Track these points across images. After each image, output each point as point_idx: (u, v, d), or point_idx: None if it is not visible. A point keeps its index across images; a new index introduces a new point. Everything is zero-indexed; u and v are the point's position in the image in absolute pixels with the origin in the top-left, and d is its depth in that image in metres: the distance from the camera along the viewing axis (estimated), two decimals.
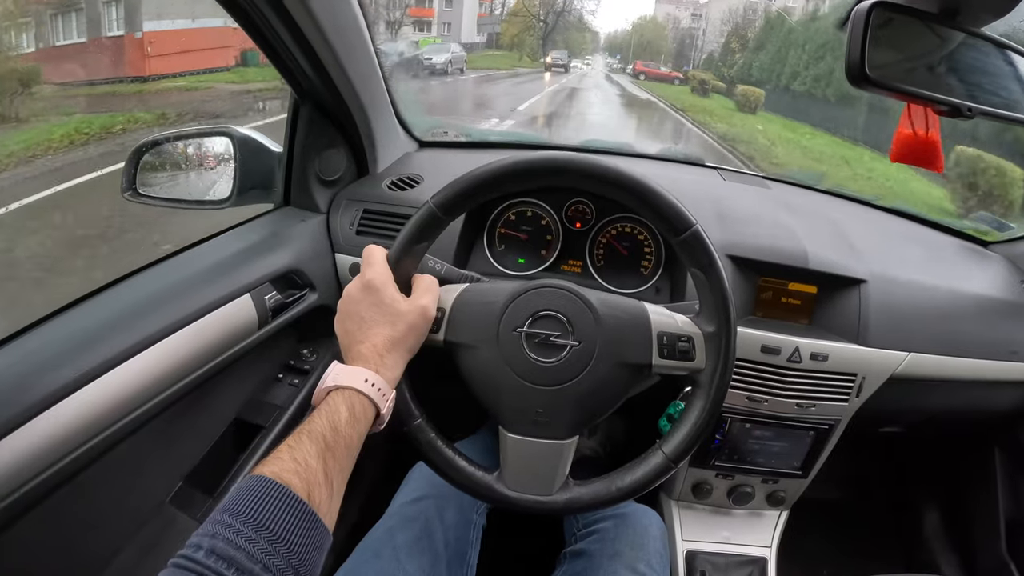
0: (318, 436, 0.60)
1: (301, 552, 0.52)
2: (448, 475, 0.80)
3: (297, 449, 0.58)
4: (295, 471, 0.56)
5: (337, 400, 0.64)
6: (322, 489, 0.57)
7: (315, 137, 1.17)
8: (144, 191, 1.11)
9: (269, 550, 0.50)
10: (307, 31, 0.93)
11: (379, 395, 0.67)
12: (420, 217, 0.77)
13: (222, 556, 0.48)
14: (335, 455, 0.60)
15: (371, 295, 0.73)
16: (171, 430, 0.93)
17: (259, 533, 0.50)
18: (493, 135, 1.71)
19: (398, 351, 0.72)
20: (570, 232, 1.19)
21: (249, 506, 0.51)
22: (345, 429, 0.62)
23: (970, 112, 0.79)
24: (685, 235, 0.75)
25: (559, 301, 0.77)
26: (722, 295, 0.75)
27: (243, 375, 1.06)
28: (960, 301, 1.18)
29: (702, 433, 0.77)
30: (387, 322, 0.72)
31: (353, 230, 1.16)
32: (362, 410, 0.65)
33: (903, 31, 0.78)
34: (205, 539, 0.49)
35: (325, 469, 0.58)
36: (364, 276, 0.74)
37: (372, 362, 0.69)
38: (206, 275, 0.94)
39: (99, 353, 0.74)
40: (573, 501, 0.78)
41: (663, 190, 0.75)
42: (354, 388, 0.66)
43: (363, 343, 0.71)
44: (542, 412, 0.76)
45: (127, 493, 0.89)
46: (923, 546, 1.56)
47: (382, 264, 0.75)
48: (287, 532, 0.51)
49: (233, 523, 0.50)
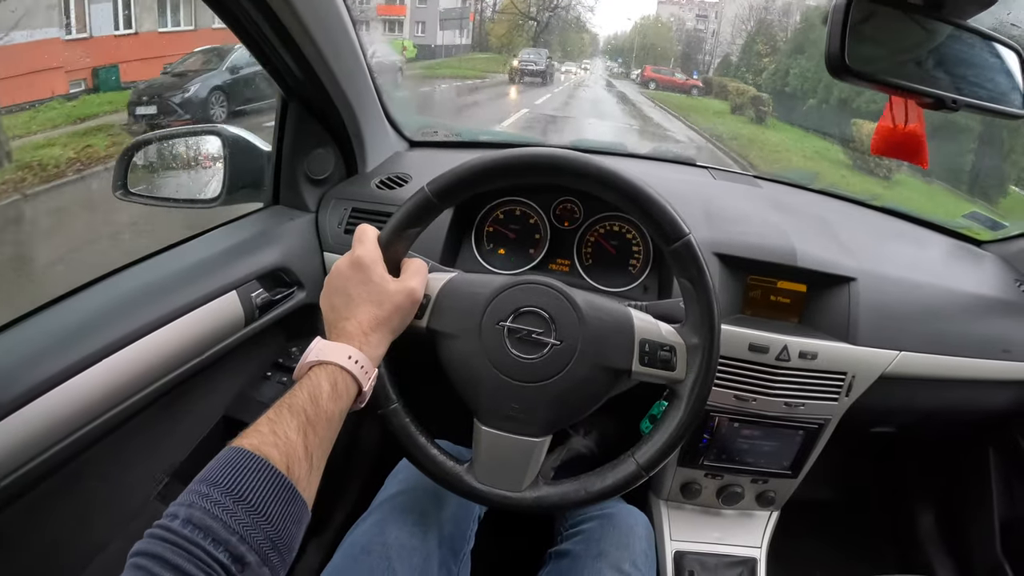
0: (299, 410, 0.60)
1: (279, 524, 0.52)
2: (419, 461, 0.80)
3: (277, 422, 0.58)
4: (274, 444, 0.56)
5: (320, 375, 0.64)
6: (302, 463, 0.57)
7: (304, 136, 1.17)
8: (135, 190, 1.12)
9: (247, 521, 0.50)
10: (291, 28, 0.93)
11: (362, 372, 0.67)
12: (415, 202, 0.77)
13: (198, 525, 0.48)
14: (315, 430, 0.60)
15: (359, 272, 0.72)
16: (158, 426, 0.94)
17: (237, 504, 0.50)
18: (484, 134, 1.71)
19: (383, 330, 0.72)
20: (558, 231, 1.19)
21: (227, 477, 0.51)
22: (326, 404, 0.62)
23: (955, 104, 0.78)
24: (677, 245, 0.74)
25: (544, 298, 0.77)
26: (708, 309, 0.75)
27: (231, 372, 1.06)
28: (952, 299, 1.17)
29: (676, 444, 0.77)
30: (374, 300, 0.72)
31: (341, 229, 1.16)
32: (344, 386, 0.65)
33: (887, 24, 0.77)
34: (182, 508, 0.49)
35: (305, 443, 0.58)
36: (354, 253, 0.74)
37: (356, 339, 0.69)
38: (193, 272, 0.94)
39: (85, 347, 0.75)
40: (541, 500, 0.78)
41: (659, 196, 0.74)
42: (337, 364, 0.66)
43: (348, 319, 0.70)
44: (518, 408, 0.76)
45: (113, 488, 0.90)
46: (917, 547, 1.55)
47: (373, 243, 0.75)
48: (265, 504, 0.51)
49: (210, 493, 0.50)
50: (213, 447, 1.00)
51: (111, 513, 0.90)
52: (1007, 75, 0.84)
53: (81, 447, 0.74)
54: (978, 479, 1.41)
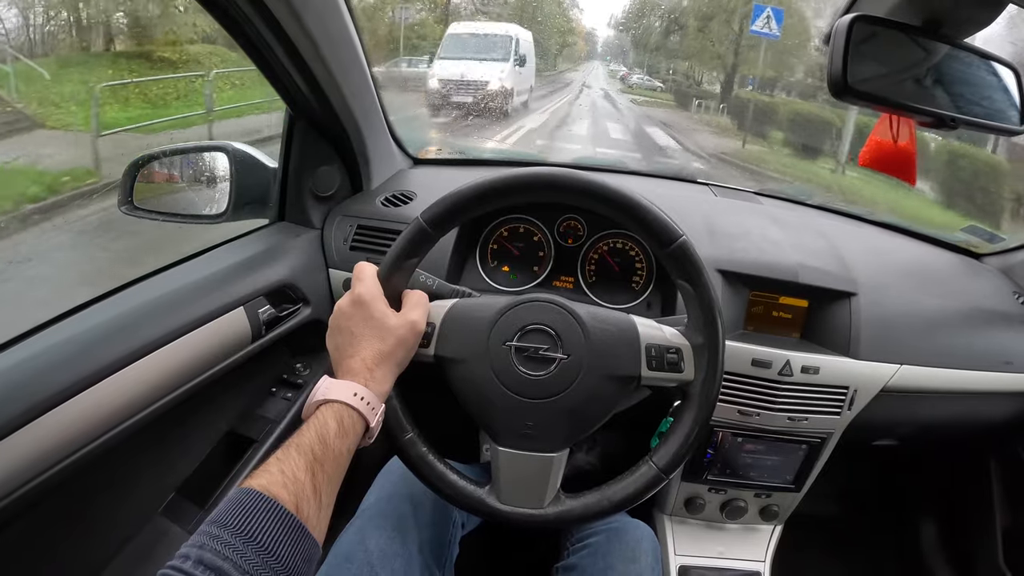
0: (307, 449, 0.61)
1: (288, 563, 0.53)
2: (439, 489, 0.80)
3: (285, 462, 0.59)
4: (283, 484, 0.56)
5: (326, 414, 0.65)
6: (311, 502, 0.58)
7: (310, 153, 1.18)
8: (141, 205, 1.12)
9: (256, 561, 0.51)
10: (301, 47, 0.95)
11: (368, 409, 0.68)
12: (410, 233, 0.78)
13: (210, 566, 0.48)
14: (324, 468, 0.61)
15: (361, 310, 0.73)
16: (164, 441, 0.94)
17: (247, 544, 0.51)
18: (488, 152, 1.72)
19: (387, 365, 0.73)
20: (562, 248, 1.20)
21: (237, 518, 0.52)
22: (334, 442, 0.63)
23: (953, 123, 0.80)
24: (672, 247, 0.75)
25: (548, 315, 0.78)
26: (710, 306, 0.76)
27: (236, 388, 1.07)
28: (952, 313, 1.18)
29: (692, 444, 0.78)
30: (376, 336, 0.73)
31: (347, 246, 1.17)
32: (351, 424, 0.66)
33: (887, 44, 0.79)
34: (193, 550, 0.50)
35: (314, 482, 0.59)
36: (354, 291, 0.75)
37: (361, 376, 0.70)
38: (200, 288, 0.95)
39: (93, 362, 0.75)
40: (565, 514, 0.78)
41: (649, 203, 0.76)
42: (343, 402, 0.66)
43: (353, 357, 0.71)
44: (532, 425, 0.77)
45: (119, 503, 0.90)
46: (920, 560, 1.54)
47: (372, 279, 0.76)
48: (275, 544, 0.52)
49: (221, 534, 0.51)
50: (218, 463, 1.01)
51: (116, 529, 0.90)
52: (1004, 92, 0.86)
53: (87, 463, 0.74)
54: (980, 490, 1.41)
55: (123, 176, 1.11)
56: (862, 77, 0.75)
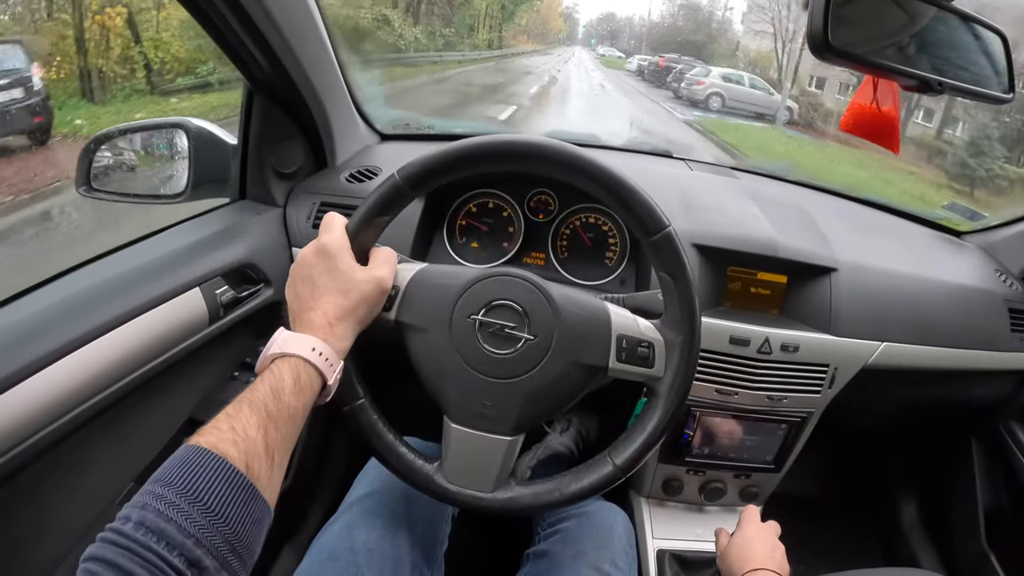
0: (259, 405, 0.57)
1: (237, 526, 0.49)
2: (387, 460, 0.78)
3: (236, 418, 0.55)
4: (233, 441, 0.53)
5: (282, 368, 0.61)
6: (262, 461, 0.54)
7: (270, 129, 1.14)
8: (98, 186, 1.08)
9: (203, 523, 0.47)
10: (254, 13, 0.90)
11: (327, 365, 0.64)
12: (384, 189, 0.74)
13: (152, 529, 0.45)
14: (277, 426, 0.57)
15: (325, 260, 0.69)
16: (120, 429, 0.90)
17: (192, 505, 0.48)
18: (458, 127, 1.67)
19: (349, 321, 0.69)
20: (532, 223, 1.17)
21: (182, 477, 0.49)
22: (289, 399, 0.59)
23: (940, 87, 0.77)
24: (656, 237, 0.72)
25: (518, 291, 0.75)
26: (689, 304, 0.73)
27: (196, 373, 1.02)
28: (934, 290, 1.16)
29: (654, 443, 0.75)
30: (340, 290, 0.69)
31: (310, 223, 1.13)
32: (308, 380, 0.62)
33: (869, 6, 0.76)
34: (134, 510, 0.46)
35: (266, 440, 0.55)
36: (320, 240, 0.71)
37: (321, 330, 0.66)
38: (154, 269, 0.91)
39: (42, 346, 0.71)
40: (513, 501, 0.76)
41: (639, 187, 0.72)
42: (300, 356, 0.62)
43: (313, 310, 0.67)
44: (489, 405, 0.74)
45: (74, 495, 0.86)
46: (902, 540, 1.55)
47: (340, 231, 0.72)
48: (222, 505, 0.49)
49: (165, 494, 0.48)
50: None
51: (72, 521, 0.86)
52: (990, 58, 0.83)
53: (39, 452, 0.71)
54: (961, 470, 1.41)
55: (79, 157, 1.07)
56: (845, 39, 0.71)
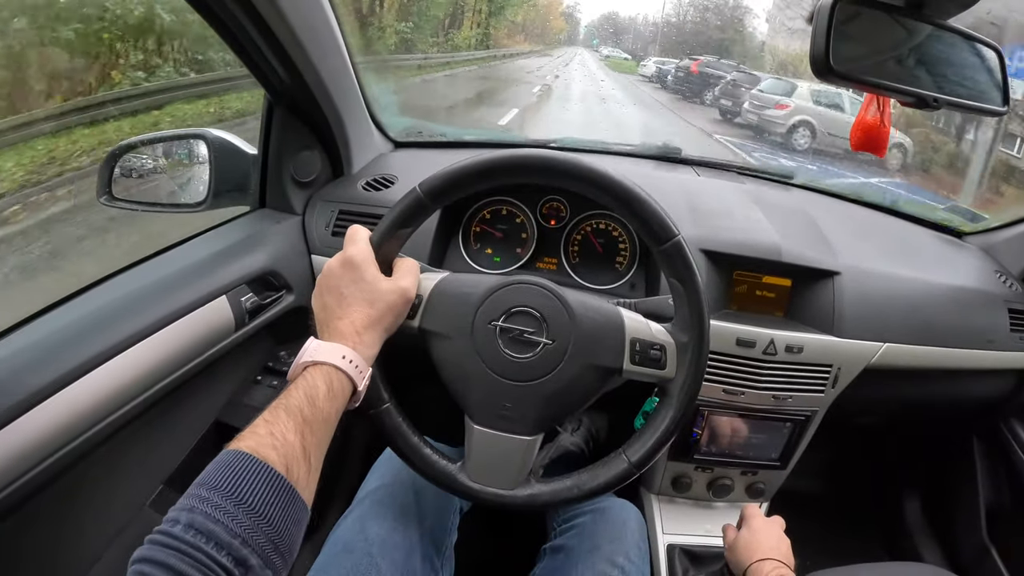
0: (295, 410, 0.59)
1: (280, 527, 0.52)
2: (412, 461, 0.81)
3: (274, 424, 0.57)
4: (272, 445, 0.55)
5: (315, 375, 0.64)
6: (300, 464, 0.57)
7: (289, 139, 1.17)
8: (119, 195, 1.11)
9: (248, 524, 0.49)
10: (277, 30, 0.93)
11: (356, 372, 0.67)
12: (407, 203, 0.77)
13: (200, 530, 0.47)
14: (312, 429, 0.60)
15: (351, 271, 0.72)
16: (150, 434, 0.93)
17: (237, 507, 0.50)
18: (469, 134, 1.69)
19: (376, 330, 0.72)
20: (545, 230, 1.20)
21: (227, 480, 0.51)
22: (323, 404, 0.62)
23: (936, 103, 0.80)
24: (666, 245, 0.75)
25: (536, 298, 0.78)
26: (698, 309, 0.76)
27: (222, 378, 1.06)
28: (935, 291, 1.18)
29: (667, 441, 0.78)
30: (366, 300, 0.71)
31: (329, 231, 1.16)
32: (339, 386, 0.65)
33: (870, 24, 0.78)
34: (183, 513, 0.48)
35: (303, 444, 0.58)
36: (346, 252, 0.74)
37: (350, 339, 0.69)
38: (182, 277, 0.93)
39: (77, 356, 0.74)
40: (533, 498, 0.79)
41: (649, 197, 0.75)
42: (332, 364, 0.65)
43: (341, 319, 0.70)
44: (510, 407, 0.77)
45: (107, 497, 0.89)
46: (905, 535, 1.57)
47: (365, 243, 0.75)
48: (266, 506, 0.51)
49: (211, 497, 0.50)
50: (206, 454, 1.00)
51: (105, 524, 0.89)
52: (987, 73, 0.85)
53: (73, 459, 0.73)
54: (963, 467, 1.43)
55: (101, 166, 1.09)
56: (845, 57, 0.74)
